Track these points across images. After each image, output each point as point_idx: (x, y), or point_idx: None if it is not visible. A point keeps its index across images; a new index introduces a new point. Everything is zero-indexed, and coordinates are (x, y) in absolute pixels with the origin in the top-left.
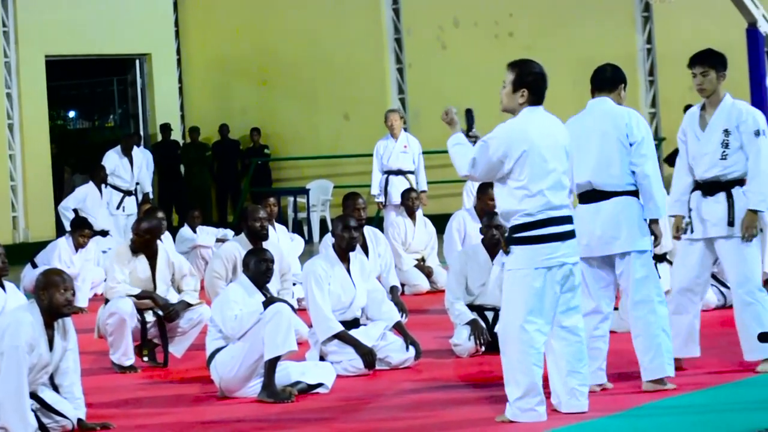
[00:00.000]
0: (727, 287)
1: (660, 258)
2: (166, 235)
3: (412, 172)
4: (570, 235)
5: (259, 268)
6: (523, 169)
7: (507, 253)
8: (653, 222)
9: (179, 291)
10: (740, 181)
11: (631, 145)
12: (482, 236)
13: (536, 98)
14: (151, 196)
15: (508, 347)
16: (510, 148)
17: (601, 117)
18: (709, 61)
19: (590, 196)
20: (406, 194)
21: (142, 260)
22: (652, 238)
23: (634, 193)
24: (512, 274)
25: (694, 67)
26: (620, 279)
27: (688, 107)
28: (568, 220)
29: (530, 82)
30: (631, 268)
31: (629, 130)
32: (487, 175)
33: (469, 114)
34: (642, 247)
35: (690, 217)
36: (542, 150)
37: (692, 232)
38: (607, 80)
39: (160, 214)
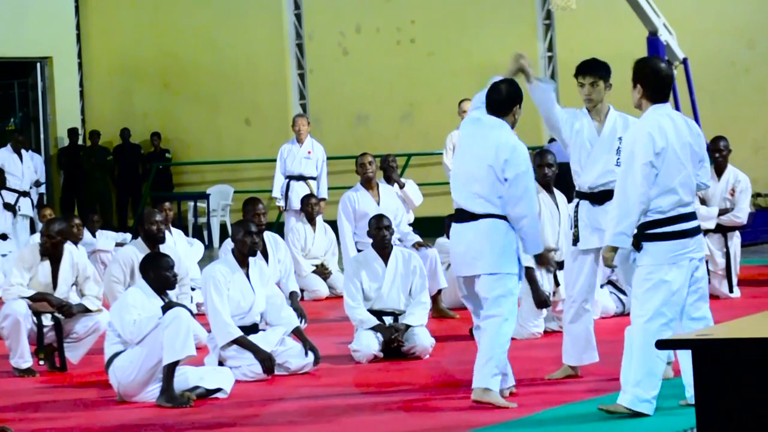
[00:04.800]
0: (626, 294)
1: (561, 265)
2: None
3: (314, 178)
4: (697, 231)
5: (161, 275)
6: (660, 167)
7: (638, 249)
8: (539, 255)
9: (82, 295)
10: None
11: (505, 180)
12: (372, 239)
13: (651, 93)
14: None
15: (634, 337)
16: (655, 144)
17: (485, 141)
18: (598, 71)
19: (460, 215)
20: (305, 200)
21: (45, 265)
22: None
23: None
24: (642, 269)
25: (584, 77)
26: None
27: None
28: (694, 216)
29: (644, 76)
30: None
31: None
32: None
33: None
34: (508, 270)
35: (577, 227)
36: (676, 148)
37: (578, 242)
38: (502, 103)
39: (77, 221)
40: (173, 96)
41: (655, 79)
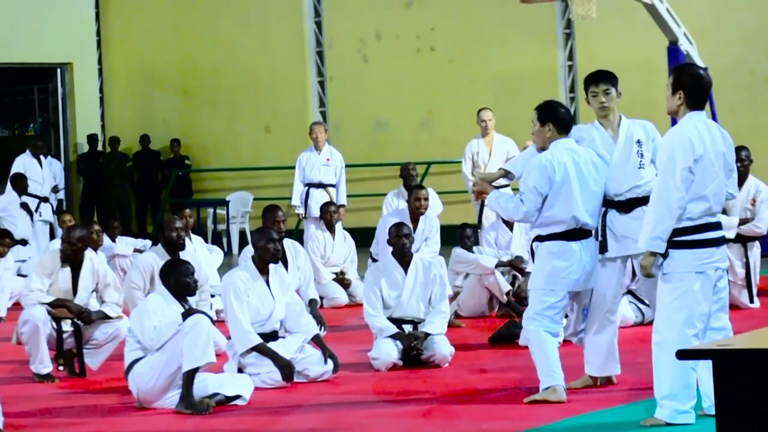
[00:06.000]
0: (646, 304)
1: None
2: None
3: (333, 185)
4: (723, 241)
5: (181, 281)
6: (696, 173)
7: (665, 257)
8: None
9: (102, 302)
10: None
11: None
12: (391, 247)
13: (693, 101)
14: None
15: (664, 349)
16: (694, 150)
17: (587, 161)
18: (609, 80)
19: (578, 233)
20: (324, 208)
21: (65, 271)
22: None
23: None
24: (669, 277)
25: (597, 86)
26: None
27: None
28: (720, 226)
29: (686, 83)
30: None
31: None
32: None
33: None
34: None
35: (604, 236)
36: (711, 156)
37: (606, 251)
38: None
39: (97, 227)
40: (193, 103)
41: (697, 87)
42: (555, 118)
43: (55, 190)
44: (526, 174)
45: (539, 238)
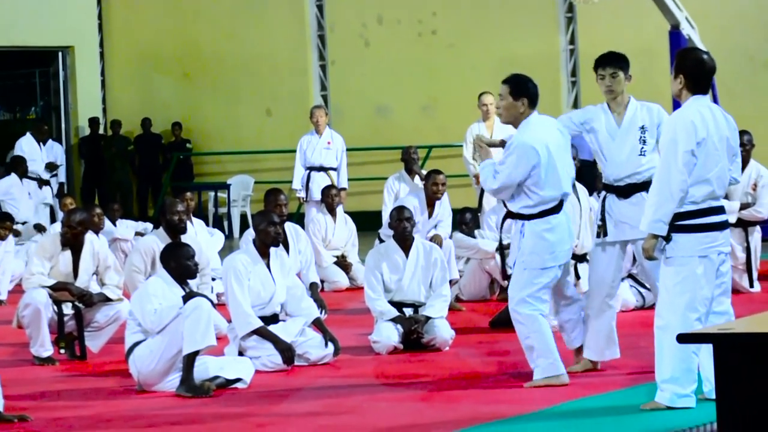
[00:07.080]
0: (647, 288)
1: (580, 258)
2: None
3: (334, 169)
4: (726, 225)
5: (182, 264)
6: (699, 156)
7: (668, 241)
8: None
9: (102, 284)
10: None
11: None
12: (393, 231)
13: (693, 85)
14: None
15: (667, 333)
16: (697, 133)
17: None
18: (617, 62)
19: (560, 204)
20: (326, 191)
21: (66, 254)
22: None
23: None
24: (672, 261)
25: (604, 69)
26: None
27: None
28: (723, 210)
29: (687, 67)
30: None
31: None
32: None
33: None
34: None
35: (602, 220)
36: (715, 140)
37: (605, 235)
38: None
39: (98, 210)
40: (194, 86)
41: (697, 70)
42: (528, 93)
43: (52, 167)
44: (507, 154)
45: (523, 217)
